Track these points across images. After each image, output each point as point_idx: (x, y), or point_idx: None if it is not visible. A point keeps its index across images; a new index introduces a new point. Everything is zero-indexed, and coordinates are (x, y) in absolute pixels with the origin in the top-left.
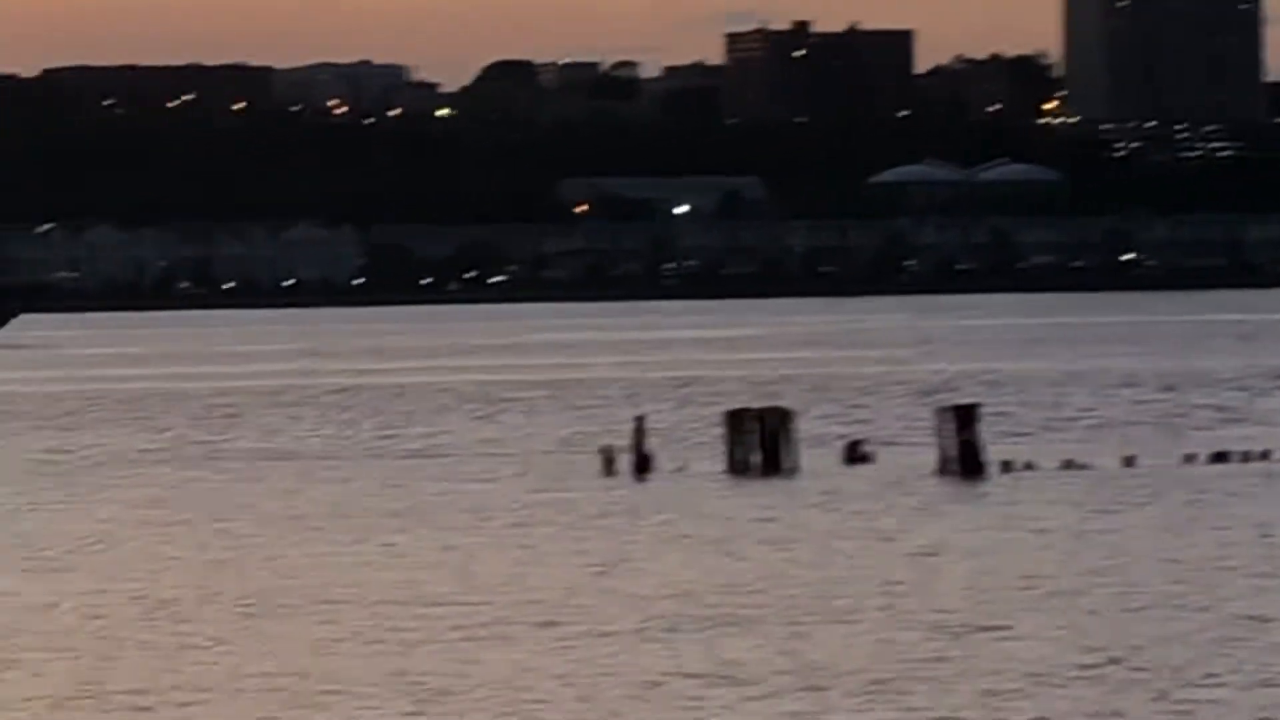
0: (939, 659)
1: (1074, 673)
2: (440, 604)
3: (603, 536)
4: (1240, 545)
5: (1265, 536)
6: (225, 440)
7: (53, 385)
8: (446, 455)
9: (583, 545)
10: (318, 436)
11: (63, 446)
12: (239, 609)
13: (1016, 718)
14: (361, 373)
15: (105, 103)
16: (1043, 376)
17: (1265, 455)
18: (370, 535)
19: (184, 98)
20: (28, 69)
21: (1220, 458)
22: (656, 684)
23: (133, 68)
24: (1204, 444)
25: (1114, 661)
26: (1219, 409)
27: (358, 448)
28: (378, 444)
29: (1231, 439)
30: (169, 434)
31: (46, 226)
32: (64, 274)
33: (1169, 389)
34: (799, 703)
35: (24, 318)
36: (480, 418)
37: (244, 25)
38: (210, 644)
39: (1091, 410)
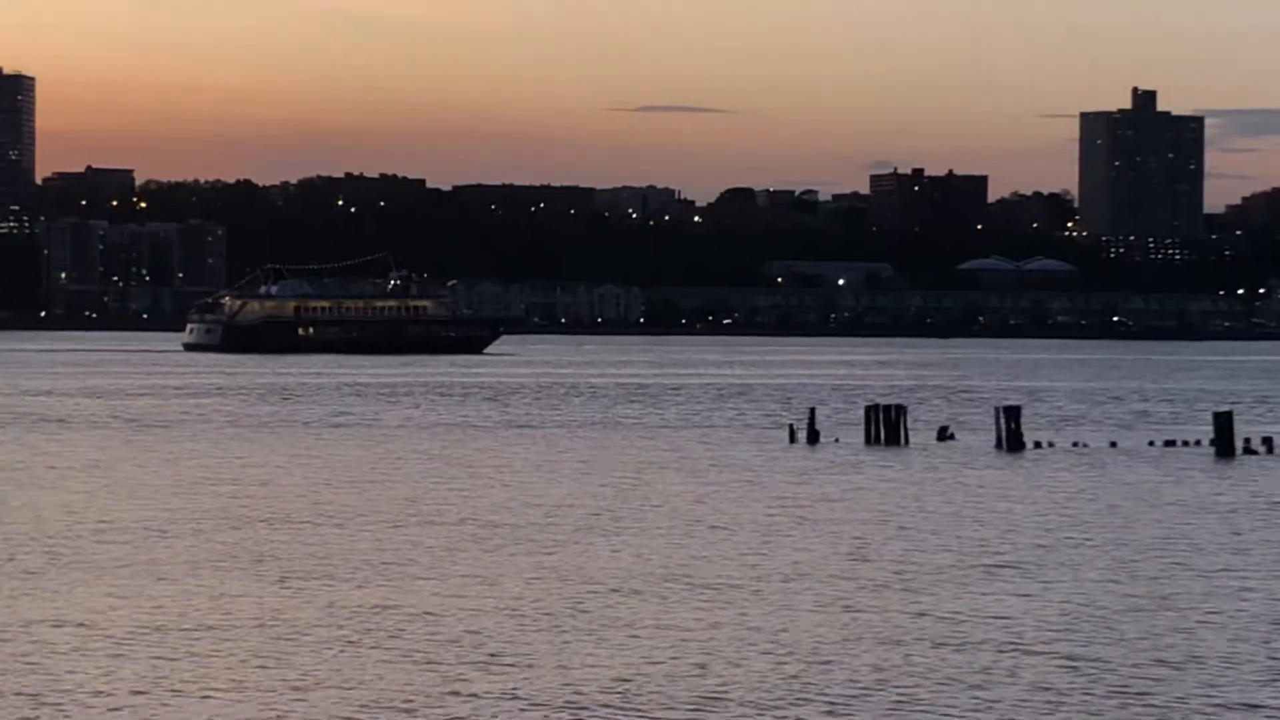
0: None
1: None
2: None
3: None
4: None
5: None
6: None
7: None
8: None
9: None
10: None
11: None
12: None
13: None
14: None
15: (491, 207)
16: (1061, 390)
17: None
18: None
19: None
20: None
21: (1169, 443)
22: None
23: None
24: (1160, 432)
25: None
26: (1173, 411)
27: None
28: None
29: (1172, 432)
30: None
31: (451, 283)
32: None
33: (1144, 399)
34: None
35: (505, 337)
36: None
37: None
38: None
39: (1089, 412)
